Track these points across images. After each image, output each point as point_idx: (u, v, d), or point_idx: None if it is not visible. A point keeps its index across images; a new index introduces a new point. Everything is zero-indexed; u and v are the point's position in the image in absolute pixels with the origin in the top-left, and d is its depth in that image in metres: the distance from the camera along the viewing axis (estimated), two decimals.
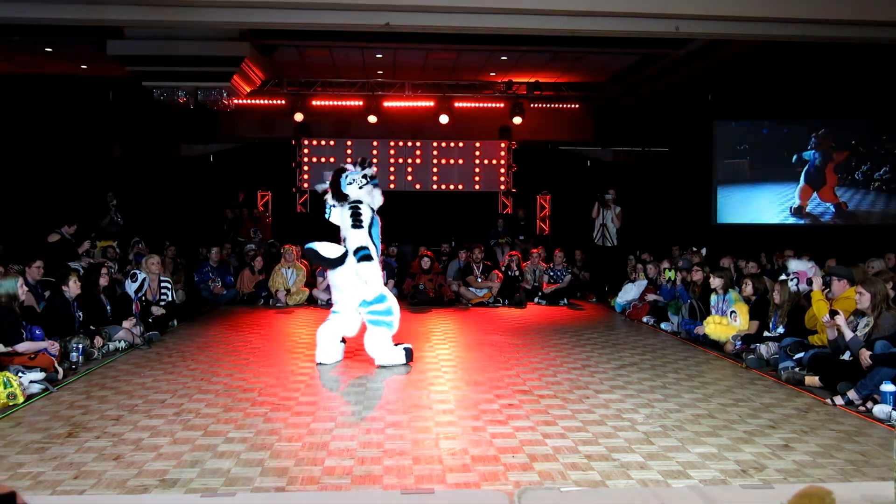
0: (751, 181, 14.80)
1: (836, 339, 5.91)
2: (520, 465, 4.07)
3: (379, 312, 6.70)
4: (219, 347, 7.65)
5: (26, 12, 8.42)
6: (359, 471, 3.97)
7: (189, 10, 8.47)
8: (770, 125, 14.73)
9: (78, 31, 9.92)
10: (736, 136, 14.86)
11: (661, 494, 3.56)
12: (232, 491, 3.66)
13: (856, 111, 14.11)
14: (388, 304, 6.72)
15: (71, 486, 3.72)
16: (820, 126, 14.60)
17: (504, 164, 15.63)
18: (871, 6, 8.40)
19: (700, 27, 8.85)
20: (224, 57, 10.65)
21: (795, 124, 14.65)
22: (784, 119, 14.59)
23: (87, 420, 4.89)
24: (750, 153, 14.82)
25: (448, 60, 12.67)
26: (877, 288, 5.71)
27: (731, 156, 14.85)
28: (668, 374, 6.46)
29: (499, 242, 14.06)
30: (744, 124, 14.83)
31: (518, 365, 6.81)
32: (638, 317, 9.79)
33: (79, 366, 6.47)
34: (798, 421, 4.96)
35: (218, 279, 11.19)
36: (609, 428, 4.76)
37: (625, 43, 10.92)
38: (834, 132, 14.60)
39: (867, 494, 2.65)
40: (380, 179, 16.23)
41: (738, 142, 14.85)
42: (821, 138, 14.60)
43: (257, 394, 5.64)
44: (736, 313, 7.57)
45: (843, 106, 13.93)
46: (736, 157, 14.83)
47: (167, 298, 9.01)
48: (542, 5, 8.31)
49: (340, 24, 8.73)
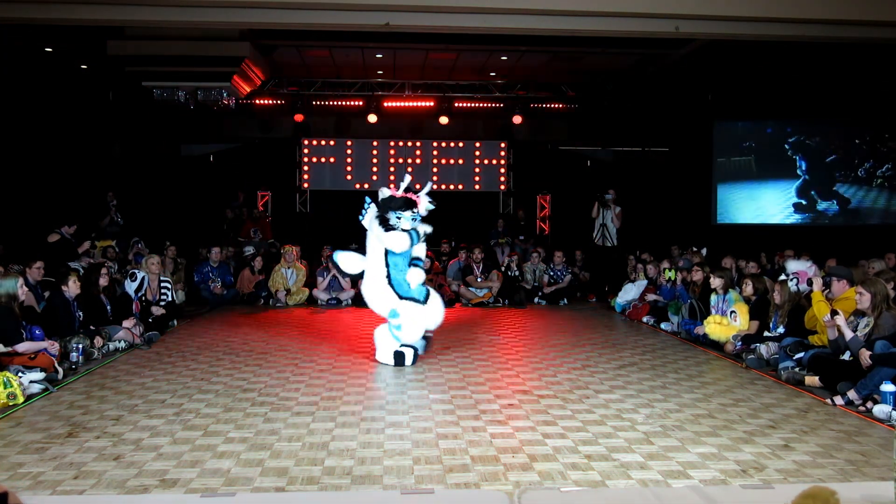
0: (751, 181, 14.80)
1: (836, 339, 5.91)
2: (520, 465, 4.06)
3: (392, 324, 6.85)
4: (219, 347, 7.65)
5: (26, 12, 8.42)
6: (359, 471, 3.97)
7: (189, 10, 8.48)
8: (770, 125, 14.74)
9: (78, 31, 9.92)
10: (736, 135, 14.86)
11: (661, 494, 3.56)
12: (232, 491, 3.66)
13: (856, 111, 14.12)
14: (399, 320, 6.78)
15: (71, 486, 3.72)
16: (820, 125, 14.61)
17: (504, 164, 15.63)
18: (871, 6, 8.41)
19: (700, 27, 8.86)
20: (224, 57, 10.66)
21: (795, 124, 14.66)
22: (784, 119, 14.59)
23: (87, 420, 4.88)
24: (750, 153, 14.82)
25: (448, 60, 12.68)
26: (877, 288, 5.71)
27: (731, 155, 14.85)
28: (668, 374, 6.46)
29: (499, 242, 14.06)
30: (743, 124, 14.83)
31: (518, 365, 6.81)
32: (638, 317, 9.79)
33: (79, 366, 6.46)
34: (798, 421, 4.96)
35: (218, 279, 11.19)
36: (609, 428, 4.76)
37: (625, 43, 10.93)
38: (834, 132, 14.61)
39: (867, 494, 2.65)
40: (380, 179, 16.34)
41: (738, 142, 14.85)
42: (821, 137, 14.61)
43: (257, 394, 5.64)
44: (736, 313, 7.57)
45: (844, 106, 13.94)
46: (736, 157, 14.83)
47: (167, 298, 9.01)
48: (542, 5, 8.31)
49: (340, 24, 8.74)
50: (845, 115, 14.36)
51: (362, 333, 8.49)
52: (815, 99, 13.75)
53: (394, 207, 6.79)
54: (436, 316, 6.97)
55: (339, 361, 6.93)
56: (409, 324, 6.80)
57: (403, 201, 6.81)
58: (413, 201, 6.86)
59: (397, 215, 6.76)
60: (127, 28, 10.14)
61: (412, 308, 6.80)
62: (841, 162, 14.65)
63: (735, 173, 14.82)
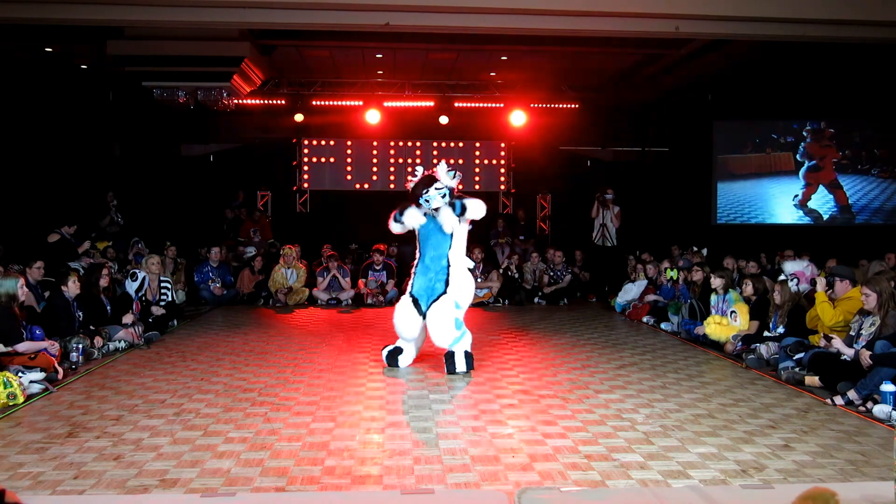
0: (751, 181, 14.79)
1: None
2: (520, 465, 4.06)
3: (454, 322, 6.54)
4: (219, 347, 7.65)
5: (26, 12, 8.42)
6: (359, 471, 3.97)
7: (189, 10, 8.46)
8: (770, 125, 14.73)
9: (78, 31, 9.91)
10: (736, 135, 14.86)
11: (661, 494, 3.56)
12: (232, 491, 3.66)
13: (856, 111, 14.12)
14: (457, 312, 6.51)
15: (71, 486, 3.72)
16: (821, 125, 14.61)
17: (504, 164, 15.63)
18: (871, 6, 8.40)
19: (700, 27, 8.84)
20: (224, 57, 10.65)
21: (796, 124, 14.65)
22: (784, 119, 14.58)
23: (87, 420, 4.89)
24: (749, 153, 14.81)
25: (448, 60, 12.67)
26: (882, 287, 5.75)
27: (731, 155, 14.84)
28: (668, 374, 6.46)
29: (499, 242, 14.06)
30: (744, 124, 14.83)
31: (518, 365, 6.81)
32: (638, 317, 9.79)
33: (79, 366, 6.47)
34: (798, 421, 4.96)
35: (218, 279, 11.19)
36: (609, 428, 4.76)
37: (625, 43, 10.91)
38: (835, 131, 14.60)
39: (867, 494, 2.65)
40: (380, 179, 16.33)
41: (738, 141, 14.85)
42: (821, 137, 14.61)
43: (257, 394, 5.64)
44: (736, 313, 7.57)
45: (844, 106, 13.93)
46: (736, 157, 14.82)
47: (167, 298, 9.02)
48: (542, 5, 8.30)
49: (340, 24, 8.73)
50: (846, 115, 14.36)
51: (362, 333, 8.49)
52: (816, 99, 13.74)
53: (419, 192, 6.52)
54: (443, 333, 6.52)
55: (339, 361, 6.93)
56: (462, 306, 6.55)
57: (423, 181, 6.56)
58: (432, 176, 6.58)
59: (426, 198, 6.47)
60: (127, 28, 10.12)
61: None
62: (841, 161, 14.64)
63: (735, 173, 14.82)
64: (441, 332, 6.35)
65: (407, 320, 6.55)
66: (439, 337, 6.37)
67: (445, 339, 6.36)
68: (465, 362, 6.33)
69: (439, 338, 6.38)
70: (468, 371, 6.33)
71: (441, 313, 6.38)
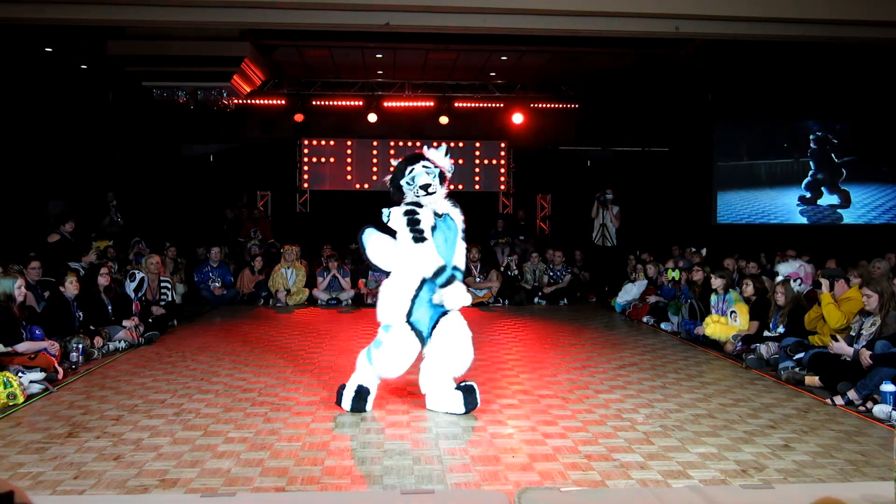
0: (751, 180, 14.79)
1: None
2: (520, 465, 4.06)
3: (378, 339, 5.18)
4: (219, 347, 7.65)
5: (26, 12, 8.42)
6: (359, 471, 3.97)
7: (189, 10, 8.47)
8: (770, 125, 14.73)
9: (78, 31, 9.91)
10: (736, 135, 14.86)
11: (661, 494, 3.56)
12: (232, 491, 3.66)
13: (857, 110, 14.11)
14: (384, 336, 5.10)
15: (71, 486, 3.72)
16: (821, 125, 14.60)
17: (504, 164, 15.62)
18: (871, 6, 8.40)
19: (700, 27, 8.84)
20: (224, 57, 10.64)
21: (796, 124, 14.65)
22: (784, 119, 14.58)
23: (87, 420, 4.88)
24: (750, 153, 14.82)
25: (448, 60, 12.67)
26: (883, 287, 5.76)
27: (732, 156, 14.85)
28: (668, 374, 6.46)
29: (499, 243, 14.06)
30: (744, 124, 14.83)
31: (518, 365, 6.81)
32: (638, 317, 9.79)
33: (79, 366, 6.47)
34: (798, 421, 4.96)
35: (218, 279, 11.19)
36: (609, 428, 4.76)
37: (625, 43, 10.91)
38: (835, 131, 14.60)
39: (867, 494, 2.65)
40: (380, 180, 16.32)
41: (739, 142, 14.85)
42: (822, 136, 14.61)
43: (257, 394, 5.64)
44: (736, 313, 7.57)
45: (844, 105, 13.93)
46: (736, 157, 14.82)
47: (167, 298, 9.01)
48: (542, 5, 8.30)
49: (340, 24, 8.73)
50: (846, 115, 14.35)
51: (362, 333, 8.49)
52: (816, 99, 13.74)
53: (402, 171, 5.36)
54: (462, 356, 5.13)
55: (339, 361, 6.93)
56: (395, 346, 5.02)
57: (409, 158, 5.44)
58: (420, 154, 5.51)
59: (409, 178, 5.32)
60: (127, 28, 10.12)
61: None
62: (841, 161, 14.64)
63: (735, 173, 14.82)
64: (463, 354, 5.12)
65: (409, 354, 5.07)
66: (460, 359, 5.11)
67: (467, 359, 5.15)
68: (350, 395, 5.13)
69: (460, 360, 5.12)
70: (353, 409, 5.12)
71: (460, 330, 5.13)
